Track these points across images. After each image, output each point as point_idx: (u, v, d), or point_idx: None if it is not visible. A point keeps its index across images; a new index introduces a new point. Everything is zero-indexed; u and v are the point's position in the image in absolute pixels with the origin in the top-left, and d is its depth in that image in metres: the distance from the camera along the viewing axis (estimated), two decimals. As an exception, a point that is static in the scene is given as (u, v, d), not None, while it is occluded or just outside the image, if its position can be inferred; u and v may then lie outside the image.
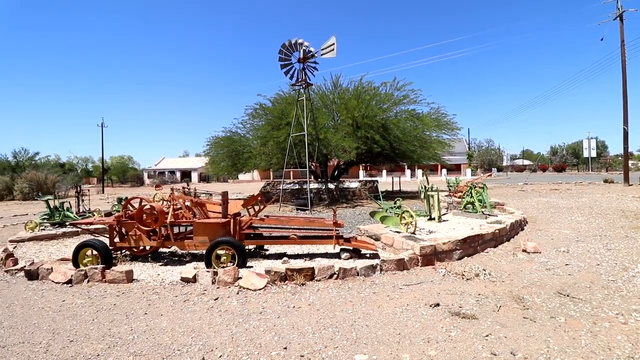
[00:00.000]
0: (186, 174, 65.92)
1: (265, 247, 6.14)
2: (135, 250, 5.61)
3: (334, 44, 10.74)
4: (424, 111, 17.40)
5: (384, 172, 45.07)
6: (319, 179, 18.25)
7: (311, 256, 5.52)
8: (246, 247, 5.97)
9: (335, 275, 4.33)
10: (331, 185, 16.22)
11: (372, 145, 14.42)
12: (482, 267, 4.61)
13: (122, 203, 6.87)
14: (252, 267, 4.98)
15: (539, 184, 23.93)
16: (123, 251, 5.68)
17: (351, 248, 5.33)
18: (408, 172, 46.25)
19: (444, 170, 44.05)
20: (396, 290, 3.91)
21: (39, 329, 3.29)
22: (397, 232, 5.97)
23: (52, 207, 8.53)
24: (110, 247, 5.55)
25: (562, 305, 3.38)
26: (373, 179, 19.38)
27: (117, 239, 5.56)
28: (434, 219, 7.15)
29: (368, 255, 5.41)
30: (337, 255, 5.39)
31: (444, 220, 7.24)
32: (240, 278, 4.27)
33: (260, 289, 4.06)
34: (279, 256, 5.58)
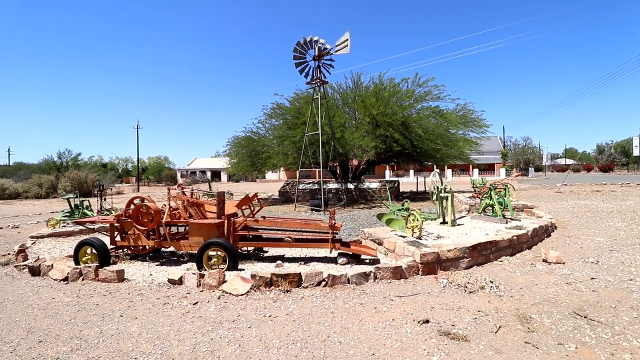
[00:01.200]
0: (216, 174, 67.99)
1: (265, 249, 5.98)
2: (135, 249, 5.64)
3: (347, 39, 10.39)
4: (449, 108, 16.57)
5: (411, 172, 43.67)
6: (340, 179, 17.93)
7: (308, 260, 5.27)
8: (245, 249, 5.85)
9: (324, 283, 4.04)
10: (350, 186, 15.85)
11: (391, 144, 13.89)
12: (491, 278, 4.12)
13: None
14: (243, 269, 4.81)
15: (579, 185, 21.99)
16: (124, 250, 5.74)
17: (350, 253, 5.02)
18: (437, 171, 44.54)
19: (476, 170, 41.96)
20: (386, 302, 3.56)
21: (17, 327, 3.30)
22: (401, 236, 5.56)
23: (72, 205, 8.92)
24: (112, 246, 5.64)
25: (575, 328, 2.87)
26: (394, 179, 18.74)
27: (118, 238, 5.62)
28: (447, 222, 6.63)
29: (367, 261, 5.07)
30: (335, 260, 5.09)
31: (459, 225, 6.69)
32: (226, 282, 4.11)
33: (242, 295, 3.87)
34: (275, 259, 5.38)
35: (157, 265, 5.33)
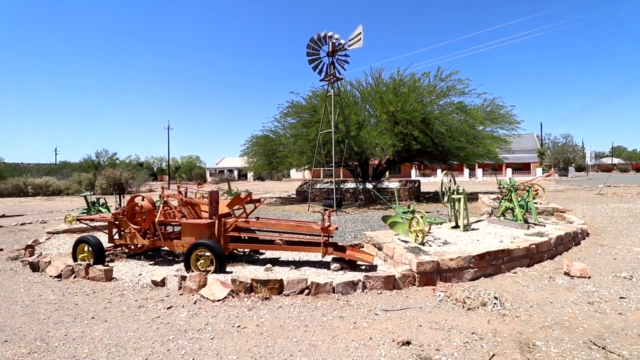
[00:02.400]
0: (243, 173, 69.38)
1: (261, 251, 5.76)
2: (132, 247, 5.63)
3: (360, 33, 9.97)
4: (475, 103, 15.59)
5: (439, 171, 41.99)
6: (358, 179, 17.48)
7: (302, 264, 4.98)
8: (241, 251, 5.67)
9: (307, 291, 3.74)
10: (369, 185, 15.37)
11: (410, 142, 13.24)
12: (497, 293, 3.62)
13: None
14: (231, 272, 4.62)
15: (625, 186, 19.94)
16: (122, 248, 5.76)
17: (347, 258, 4.66)
18: (467, 171, 42.56)
19: (509, 170, 39.61)
20: (369, 316, 3.19)
21: (-8, 326, 3.29)
22: (404, 241, 5.13)
23: (89, 202, 9.23)
24: (110, 244, 5.67)
25: (588, 363, 2.37)
26: (415, 179, 17.97)
27: (117, 236, 5.64)
28: (459, 227, 6.07)
29: (363, 268, 4.69)
30: (328, 265, 4.76)
31: (473, 229, 6.11)
32: (206, 286, 3.92)
33: (219, 300, 3.65)
34: (269, 262, 5.14)
35: (150, 264, 5.27)
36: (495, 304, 3.35)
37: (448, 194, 6.27)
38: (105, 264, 5.26)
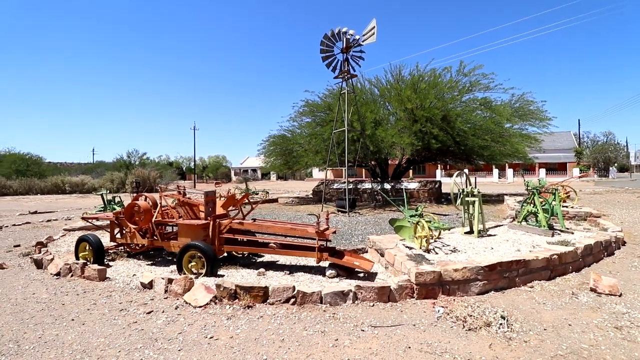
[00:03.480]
0: (266, 172, 70.27)
1: (260, 253, 5.56)
2: (133, 247, 5.63)
3: (374, 27, 9.56)
4: (502, 99, 14.65)
5: (466, 171, 40.27)
6: (377, 179, 17.00)
7: (297, 269, 4.74)
8: (240, 253, 5.51)
9: (293, 300, 3.48)
10: (387, 186, 14.87)
11: (429, 141, 12.63)
12: (507, 310, 3.18)
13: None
14: (223, 275, 4.46)
15: (677, 189, 18.06)
16: (124, 247, 5.77)
17: (343, 265, 4.36)
18: (496, 171, 40.54)
19: (542, 171, 37.31)
20: (354, 333, 2.88)
21: (-23, 325, 3.29)
22: (409, 247, 4.74)
23: (106, 200, 9.49)
24: (113, 243, 5.69)
25: (606, 408, 1.93)
26: (437, 179, 17.22)
27: (119, 235, 5.65)
28: (473, 232, 5.58)
29: (362, 275, 4.37)
30: (325, 271, 4.48)
31: (489, 235, 5.59)
32: (190, 290, 3.76)
33: (200, 307, 3.48)
34: (267, 265, 4.95)
35: (148, 264, 5.23)
36: (501, 324, 2.92)
37: (461, 196, 5.78)
38: (106, 262, 5.30)
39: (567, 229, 5.88)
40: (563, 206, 8.86)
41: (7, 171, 31.83)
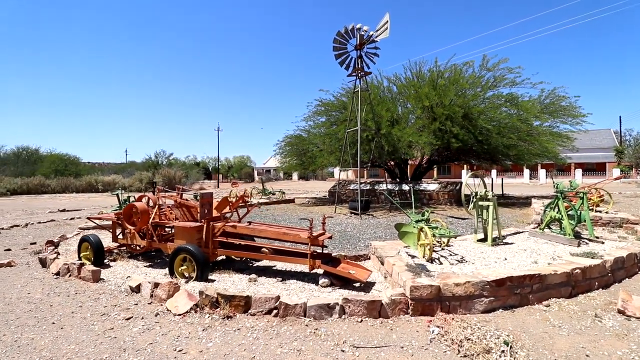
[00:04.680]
0: (288, 172, 70.64)
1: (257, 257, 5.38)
2: (133, 247, 5.63)
3: (387, 22, 9.15)
4: (531, 95, 13.69)
5: (494, 172, 38.35)
6: (396, 179, 16.47)
7: (291, 275, 4.50)
8: (238, 257, 5.36)
9: (275, 311, 3.24)
10: (405, 187, 14.35)
11: (449, 140, 11.99)
12: (514, 334, 2.78)
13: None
14: (214, 280, 4.31)
15: None
16: (125, 248, 5.79)
17: (340, 274, 4.07)
18: (527, 172, 38.34)
19: (578, 171, 34.87)
20: (332, 354, 2.60)
21: (-37, 325, 3.32)
22: (412, 255, 4.38)
23: (120, 200, 9.71)
24: (115, 243, 5.72)
25: None
26: (458, 180, 16.40)
27: (120, 236, 5.67)
28: (486, 240, 5.10)
29: (358, 285, 4.06)
30: (318, 279, 4.21)
31: (505, 243, 5.10)
32: (173, 296, 3.63)
33: (179, 315, 3.33)
34: (260, 270, 4.75)
35: (145, 266, 5.19)
36: (503, 351, 2.54)
37: (475, 200, 5.31)
38: (107, 263, 5.33)
39: (597, 237, 5.25)
40: (596, 211, 8.06)
41: (47, 171, 33.94)
